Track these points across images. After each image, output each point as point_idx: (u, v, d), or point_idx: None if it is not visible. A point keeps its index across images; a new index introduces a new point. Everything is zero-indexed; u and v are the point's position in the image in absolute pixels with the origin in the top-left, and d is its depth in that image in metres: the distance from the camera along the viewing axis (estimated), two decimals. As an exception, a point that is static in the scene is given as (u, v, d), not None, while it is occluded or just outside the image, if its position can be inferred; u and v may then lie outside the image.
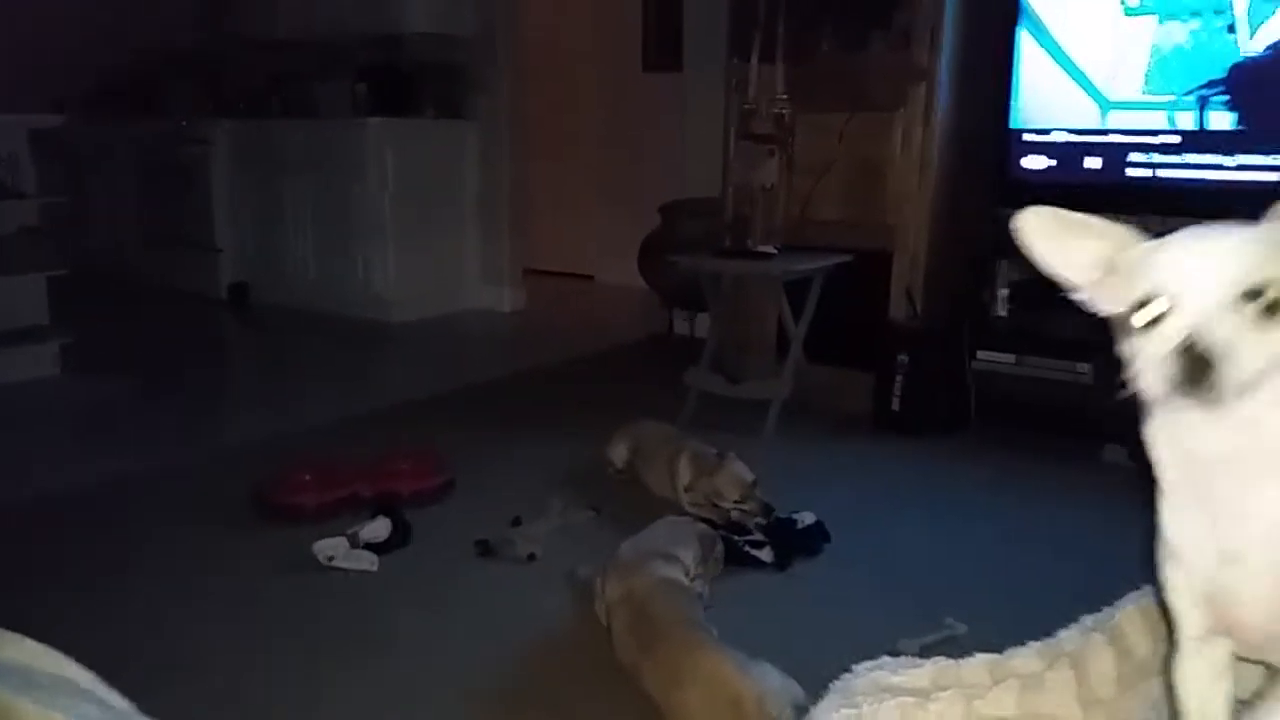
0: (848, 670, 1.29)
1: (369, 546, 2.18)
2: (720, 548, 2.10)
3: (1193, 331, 0.77)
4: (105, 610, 1.98)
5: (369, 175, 4.84)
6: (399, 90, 5.10)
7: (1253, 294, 0.77)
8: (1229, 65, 2.68)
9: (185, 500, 2.58)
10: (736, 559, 2.15)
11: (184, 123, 5.57)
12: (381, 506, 2.30)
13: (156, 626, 1.93)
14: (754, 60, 3.27)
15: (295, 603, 2.02)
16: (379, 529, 2.22)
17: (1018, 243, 0.91)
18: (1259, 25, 2.63)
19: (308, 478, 2.47)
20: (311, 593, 2.05)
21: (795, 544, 2.21)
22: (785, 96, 3.24)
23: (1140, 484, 0.90)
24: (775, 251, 3.19)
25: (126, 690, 0.82)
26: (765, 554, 2.17)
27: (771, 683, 1.51)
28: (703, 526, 2.14)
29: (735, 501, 2.30)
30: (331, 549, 2.14)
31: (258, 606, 2.01)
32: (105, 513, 2.51)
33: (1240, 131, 2.70)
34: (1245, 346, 0.77)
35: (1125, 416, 0.85)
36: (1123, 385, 0.83)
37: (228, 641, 1.87)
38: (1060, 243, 0.90)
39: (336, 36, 5.19)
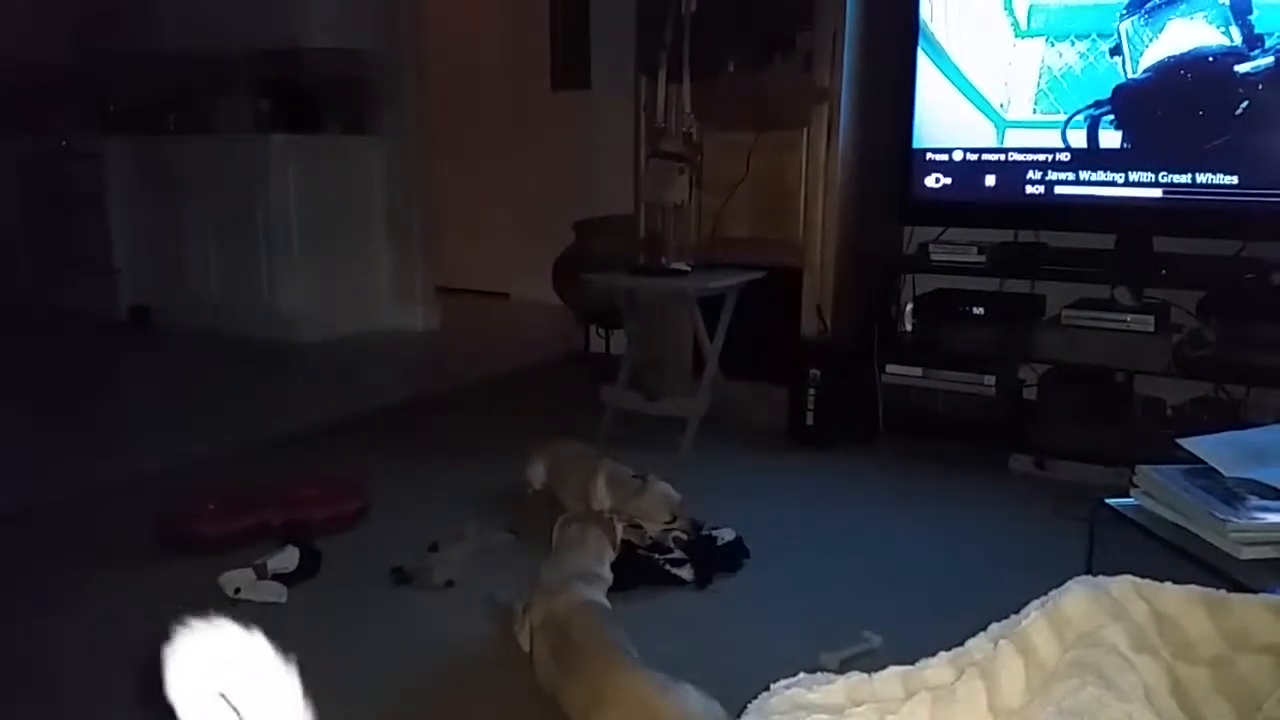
0: (767, 688, 1.30)
1: (277, 577, 2.11)
2: (618, 532, 2.10)
3: None
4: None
5: (273, 193, 4.72)
6: (300, 106, 4.99)
7: None
8: (1113, 86, 2.81)
9: (82, 535, 2.46)
10: (657, 578, 2.15)
11: (64, 142, 5.35)
12: (290, 535, 2.24)
13: (54, 668, 1.84)
14: (661, 79, 3.30)
15: (200, 640, 1.94)
16: (287, 559, 2.15)
17: None
18: (1141, 49, 2.76)
19: (211, 506, 2.38)
20: (218, 629, 1.97)
21: (716, 561, 2.22)
22: (692, 115, 3.28)
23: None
24: (688, 269, 3.22)
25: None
26: (685, 572, 2.17)
27: (692, 704, 1.50)
28: (602, 524, 2.13)
29: (666, 522, 2.28)
30: (238, 581, 2.06)
31: (160, 645, 1.92)
32: (-7, 552, 2.38)
33: (1127, 150, 2.83)
34: None
35: (1030, 426, 0.87)
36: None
37: (129, 684, 1.78)
38: None
39: (228, 51, 5.06)
